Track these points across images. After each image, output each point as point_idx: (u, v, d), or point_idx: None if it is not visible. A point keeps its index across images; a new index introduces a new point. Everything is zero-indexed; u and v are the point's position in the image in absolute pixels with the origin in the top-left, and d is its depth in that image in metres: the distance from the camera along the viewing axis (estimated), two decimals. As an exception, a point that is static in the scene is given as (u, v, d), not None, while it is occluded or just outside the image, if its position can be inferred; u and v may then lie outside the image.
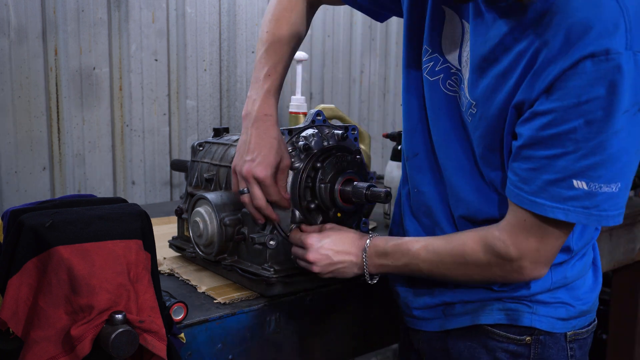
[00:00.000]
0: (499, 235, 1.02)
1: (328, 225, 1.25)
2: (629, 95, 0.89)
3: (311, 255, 1.18)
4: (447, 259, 1.09)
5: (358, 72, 2.77)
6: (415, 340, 1.29)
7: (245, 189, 1.20)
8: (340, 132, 1.30)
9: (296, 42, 1.31)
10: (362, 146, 2.05)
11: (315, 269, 1.19)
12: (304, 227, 1.24)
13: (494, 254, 1.03)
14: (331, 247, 1.18)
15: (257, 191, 1.18)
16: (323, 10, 2.59)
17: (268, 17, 1.30)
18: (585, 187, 0.92)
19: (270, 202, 1.20)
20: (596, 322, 1.21)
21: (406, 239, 1.17)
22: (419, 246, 1.12)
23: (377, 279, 1.20)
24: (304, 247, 1.19)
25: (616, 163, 0.92)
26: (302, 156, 1.24)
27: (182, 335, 1.08)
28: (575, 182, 0.93)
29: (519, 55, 0.96)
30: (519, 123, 0.98)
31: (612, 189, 0.93)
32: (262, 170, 1.17)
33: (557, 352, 1.13)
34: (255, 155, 1.18)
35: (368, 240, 1.18)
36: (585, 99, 0.89)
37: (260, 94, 1.23)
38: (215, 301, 1.24)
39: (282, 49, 1.28)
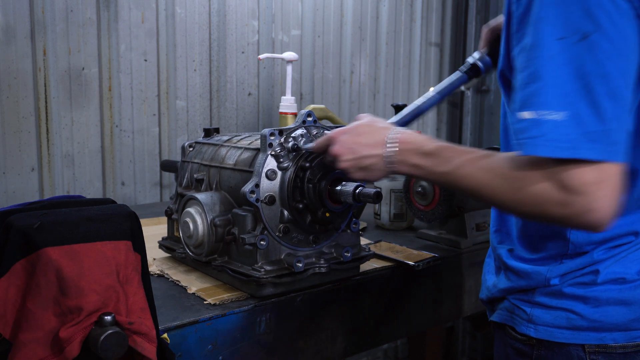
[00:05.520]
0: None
1: (360, 115, 1.18)
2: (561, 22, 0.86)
3: (335, 149, 1.13)
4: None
5: (348, 72, 2.77)
6: None
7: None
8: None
9: None
10: (352, 146, 2.05)
11: (343, 164, 1.12)
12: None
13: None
14: (357, 141, 1.11)
15: None
16: (313, 10, 2.59)
17: None
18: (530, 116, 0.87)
19: None
20: None
21: (453, 145, 1.03)
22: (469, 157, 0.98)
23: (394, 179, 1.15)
24: (329, 142, 1.16)
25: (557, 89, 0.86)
26: (291, 156, 1.25)
27: (166, 335, 1.07)
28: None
29: None
30: None
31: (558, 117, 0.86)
32: None
33: None
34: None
35: (399, 135, 1.07)
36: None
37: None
38: (205, 302, 1.24)
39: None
